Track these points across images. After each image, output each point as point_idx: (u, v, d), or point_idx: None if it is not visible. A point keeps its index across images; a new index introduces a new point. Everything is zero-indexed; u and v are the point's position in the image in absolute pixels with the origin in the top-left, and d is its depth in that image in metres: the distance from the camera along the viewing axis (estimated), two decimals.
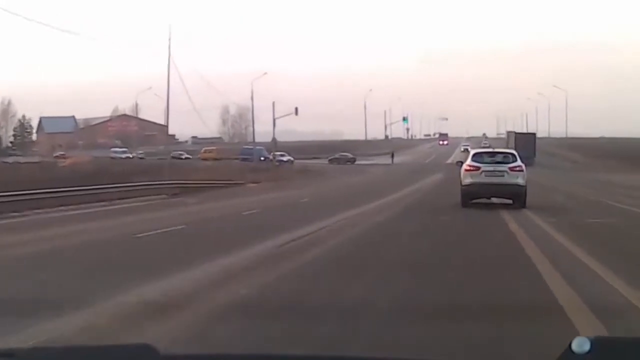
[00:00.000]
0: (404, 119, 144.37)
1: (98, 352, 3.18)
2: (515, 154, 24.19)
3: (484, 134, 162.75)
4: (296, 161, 79.23)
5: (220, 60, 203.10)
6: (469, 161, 23.68)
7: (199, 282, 9.31)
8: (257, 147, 78.10)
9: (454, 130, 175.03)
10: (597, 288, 9.09)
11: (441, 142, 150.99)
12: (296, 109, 77.29)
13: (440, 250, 13.19)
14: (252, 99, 73.79)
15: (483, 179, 22.69)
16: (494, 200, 23.53)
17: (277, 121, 73.25)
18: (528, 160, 79.17)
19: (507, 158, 23.61)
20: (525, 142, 78.16)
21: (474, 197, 22.95)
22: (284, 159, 78.34)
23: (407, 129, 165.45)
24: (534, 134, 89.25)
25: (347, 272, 10.31)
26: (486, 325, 6.89)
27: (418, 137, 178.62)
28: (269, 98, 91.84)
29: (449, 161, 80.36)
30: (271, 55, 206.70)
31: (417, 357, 5.94)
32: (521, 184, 22.67)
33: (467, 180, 23.00)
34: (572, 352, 2.62)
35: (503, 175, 22.67)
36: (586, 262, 11.32)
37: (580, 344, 2.63)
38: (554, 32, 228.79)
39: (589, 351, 2.61)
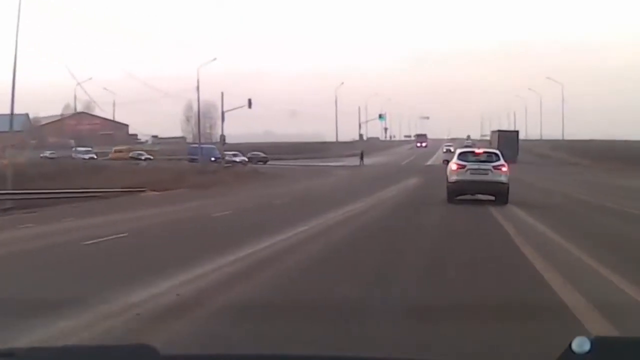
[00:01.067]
0: (380, 116, 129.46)
1: (98, 352, 3.19)
2: (499, 153, 25.53)
3: (468, 136, 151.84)
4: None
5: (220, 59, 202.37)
6: (455, 160, 25.07)
7: None
8: (208, 146, 70.92)
9: (437, 131, 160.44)
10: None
11: (419, 144, 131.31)
12: (249, 101, 70.13)
13: None
14: (197, 89, 63.71)
15: (468, 176, 24.08)
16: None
17: (254, 122, 70.06)
18: (511, 158, 77.87)
19: (491, 157, 24.98)
20: (508, 140, 78.55)
21: (460, 193, 24.26)
22: (237, 159, 70.51)
23: (385, 129, 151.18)
24: (517, 132, 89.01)
25: None
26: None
27: (398, 138, 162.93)
28: (260, 98, 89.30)
29: (430, 163, 74.69)
30: (264, 56, 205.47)
31: (417, 357, 5.95)
32: (504, 182, 24.01)
33: (453, 177, 24.41)
34: (572, 352, 2.63)
35: (487, 174, 24.04)
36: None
37: (580, 344, 2.64)
38: (545, 33, 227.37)
39: (589, 351, 2.63)
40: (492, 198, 24.05)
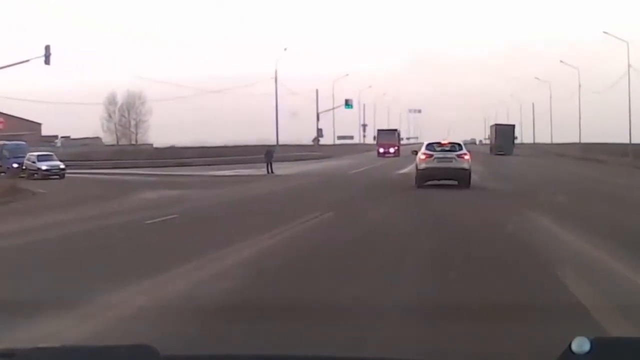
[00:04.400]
0: (347, 103, 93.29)
1: (98, 352, 3.19)
2: (462, 144, 29.04)
3: (475, 140, 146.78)
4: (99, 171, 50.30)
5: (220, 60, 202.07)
6: (423, 150, 28.01)
7: None
8: (14, 143, 48.92)
9: (434, 133, 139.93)
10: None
11: (382, 150, 77.68)
12: (46, 47, 42.61)
13: None
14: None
15: (435, 164, 27.20)
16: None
17: (250, 129, 49.27)
18: (506, 150, 75.80)
19: (454, 147, 28.02)
20: (504, 133, 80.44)
21: (428, 179, 27.25)
22: (43, 167, 44.57)
23: (364, 126, 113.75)
24: (513, 125, 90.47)
25: None
26: None
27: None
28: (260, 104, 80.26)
29: (406, 171, 38.92)
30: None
31: (417, 357, 5.96)
32: (466, 168, 27.32)
33: (422, 165, 27.51)
34: (572, 352, 2.64)
35: (451, 161, 27.25)
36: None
37: (580, 344, 2.65)
38: (547, 32, 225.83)
39: (589, 351, 2.63)
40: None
